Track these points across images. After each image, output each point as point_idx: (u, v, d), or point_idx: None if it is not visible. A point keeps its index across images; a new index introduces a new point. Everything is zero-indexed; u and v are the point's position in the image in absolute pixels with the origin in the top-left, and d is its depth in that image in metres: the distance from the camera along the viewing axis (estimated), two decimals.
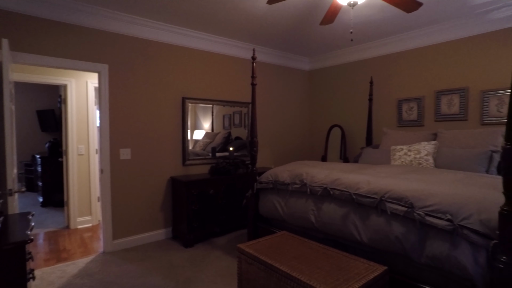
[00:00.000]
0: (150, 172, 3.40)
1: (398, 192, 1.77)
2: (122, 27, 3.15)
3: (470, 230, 1.45)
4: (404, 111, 3.86)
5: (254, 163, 2.77)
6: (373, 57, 4.20)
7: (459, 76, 3.39)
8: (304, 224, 2.28)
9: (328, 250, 1.87)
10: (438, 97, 3.54)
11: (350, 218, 1.97)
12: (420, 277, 1.66)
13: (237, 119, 4.23)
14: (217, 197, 3.46)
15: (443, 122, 3.51)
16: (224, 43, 3.94)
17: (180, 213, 3.36)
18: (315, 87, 5.10)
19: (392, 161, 3.00)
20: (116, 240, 3.16)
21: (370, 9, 3.01)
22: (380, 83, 4.12)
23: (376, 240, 1.80)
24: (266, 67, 4.55)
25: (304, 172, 2.43)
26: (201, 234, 3.34)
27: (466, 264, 1.44)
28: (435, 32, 3.51)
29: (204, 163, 3.85)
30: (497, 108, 3.08)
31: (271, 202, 2.62)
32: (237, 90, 4.19)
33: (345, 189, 2.03)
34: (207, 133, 3.93)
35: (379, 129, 4.05)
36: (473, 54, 3.28)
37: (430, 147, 2.82)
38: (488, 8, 2.99)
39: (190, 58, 3.71)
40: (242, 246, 1.95)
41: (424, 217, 1.60)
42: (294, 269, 1.59)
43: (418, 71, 3.74)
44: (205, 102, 3.85)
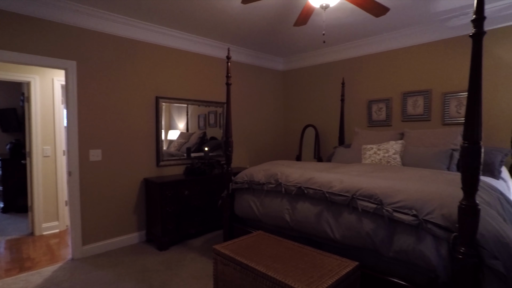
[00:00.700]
0: (123, 173, 3.29)
1: (368, 190, 1.84)
2: (92, 23, 3.02)
3: (433, 224, 1.54)
4: (374, 112, 4.02)
5: (229, 163, 2.77)
6: (345, 59, 4.33)
7: (423, 79, 3.59)
8: (279, 223, 2.32)
9: (302, 248, 1.91)
10: (404, 99, 3.73)
11: (323, 216, 2.02)
12: (389, 271, 1.75)
13: (212, 119, 4.20)
14: (192, 198, 3.42)
15: (409, 122, 3.70)
16: (199, 42, 3.90)
17: (154, 216, 3.28)
18: (289, 88, 5.17)
19: (363, 160, 3.11)
20: (86, 245, 3.03)
21: (342, 12, 3.10)
22: (351, 84, 4.27)
23: (348, 236, 1.87)
24: (241, 67, 4.55)
25: (279, 172, 2.46)
26: (176, 237, 3.28)
27: (429, 256, 1.53)
28: (401, 37, 3.69)
29: (179, 163, 3.79)
30: (456, 109, 3.31)
31: (246, 202, 2.63)
32: (212, 89, 4.16)
33: (318, 188, 2.08)
34: (182, 133, 3.87)
35: (351, 129, 4.19)
36: (435, 58, 3.48)
37: (397, 146, 2.97)
38: (448, 15, 3.20)
39: (164, 57, 3.63)
40: (218, 247, 1.94)
41: (392, 213, 1.68)
42: (270, 268, 1.61)
43: (386, 73, 3.91)
44: (179, 102, 3.79)
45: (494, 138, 3.08)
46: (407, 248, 1.61)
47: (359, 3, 2.40)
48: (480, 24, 1.35)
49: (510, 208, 1.85)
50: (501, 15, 2.98)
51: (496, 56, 3.07)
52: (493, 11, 2.97)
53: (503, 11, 2.96)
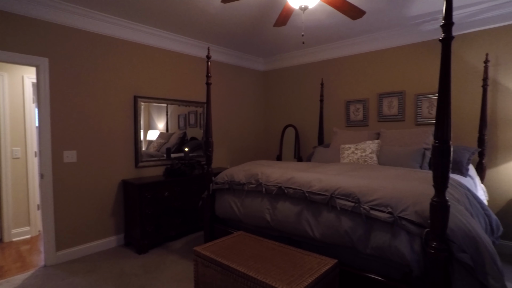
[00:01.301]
0: (99, 175, 3.18)
1: (346, 189, 1.89)
2: (66, 18, 2.90)
3: (407, 220, 1.60)
4: (352, 112, 4.13)
5: (210, 164, 2.75)
6: (324, 60, 4.41)
7: (397, 81, 3.72)
8: (260, 223, 2.33)
9: (283, 247, 1.94)
10: (380, 99, 3.85)
11: (303, 215, 2.05)
12: (366, 267, 1.80)
13: (192, 119, 4.16)
14: (173, 199, 3.37)
15: (385, 122, 3.83)
16: (179, 40, 3.85)
17: (132, 218, 3.20)
18: (269, 88, 5.20)
19: (341, 159, 3.19)
20: (60, 251, 2.91)
21: (320, 14, 3.16)
22: (330, 85, 4.35)
23: (327, 235, 1.91)
24: (222, 66, 4.53)
25: (259, 172, 2.47)
26: (156, 239, 3.22)
27: (404, 251, 1.59)
28: (377, 40, 3.81)
29: (159, 164, 3.72)
30: (428, 110, 3.46)
31: (227, 202, 2.62)
32: (193, 89, 4.12)
33: (298, 187, 2.11)
34: (161, 133, 3.80)
35: (330, 129, 4.28)
36: (408, 61, 3.62)
37: (374, 146, 3.06)
38: (420, 20, 3.33)
39: (143, 55, 3.55)
40: (198, 249, 1.93)
41: (369, 211, 1.73)
42: (251, 268, 1.62)
43: (363, 74, 4.03)
44: (159, 101, 3.72)
45: (462, 137, 3.25)
46: (383, 245, 1.66)
47: (337, 6, 2.45)
48: (449, 29, 1.42)
49: (476, 204, 1.96)
50: (468, 21, 3.15)
51: (463, 60, 3.24)
52: (460, 17, 3.13)
53: (469, 18, 3.12)
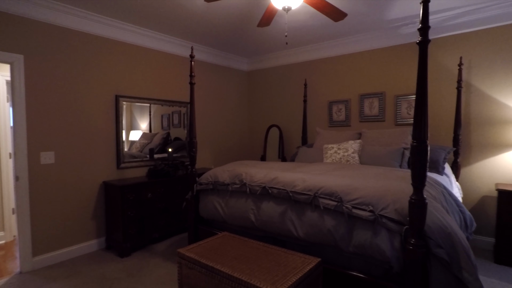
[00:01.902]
0: (79, 177, 3.09)
1: (329, 188, 1.92)
2: (44, 14, 2.79)
3: (388, 218, 1.65)
4: (334, 112, 4.20)
5: (194, 164, 2.73)
6: (307, 61, 4.47)
7: (378, 82, 3.82)
8: (245, 223, 2.33)
9: (267, 247, 1.95)
10: (361, 100, 3.94)
11: (287, 215, 2.07)
12: (349, 265, 1.84)
13: (176, 119, 4.11)
14: (156, 200, 3.32)
15: (366, 122, 3.92)
16: (162, 39, 3.79)
17: (114, 221, 3.13)
18: (253, 88, 5.21)
19: (324, 159, 3.24)
20: (37, 256, 2.80)
21: (303, 15, 3.20)
22: (313, 85, 4.41)
23: (311, 234, 1.93)
24: (206, 66, 4.50)
25: (243, 172, 2.47)
26: (139, 242, 3.16)
27: (384, 249, 1.64)
28: (358, 41, 3.89)
29: (141, 165, 3.65)
30: (407, 111, 3.57)
31: (211, 203, 2.61)
32: (176, 89, 4.07)
33: (282, 187, 2.13)
34: (144, 133, 3.73)
35: (313, 129, 4.34)
36: (388, 63, 3.73)
37: (356, 146, 3.13)
38: (399, 24, 3.44)
39: (125, 54, 3.48)
40: (183, 251, 1.91)
41: (351, 210, 1.77)
42: (235, 269, 1.62)
43: (345, 75, 4.11)
44: (141, 101, 3.64)
45: (438, 137, 3.38)
46: (365, 242, 1.70)
47: (319, 7, 2.49)
48: (425, 32, 1.47)
49: (452, 201, 2.05)
50: (443, 26, 3.28)
51: (439, 62, 3.37)
52: (436, 21, 3.25)
53: (444, 22, 3.25)
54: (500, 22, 3.01)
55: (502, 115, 3.06)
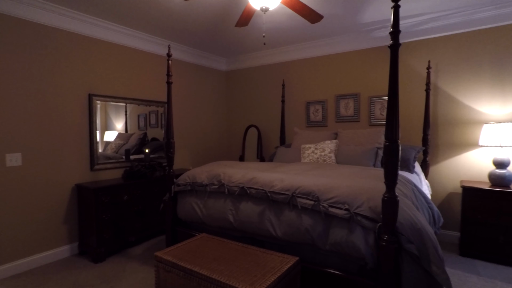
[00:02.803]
0: (49, 180, 2.94)
1: (306, 188, 1.95)
2: (9, 6, 2.62)
3: (362, 216, 1.70)
4: (312, 113, 4.28)
5: (171, 165, 2.69)
6: (285, 61, 4.52)
7: (353, 83, 3.94)
8: (223, 224, 2.33)
9: (246, 248, 1.95)
10: (338, 101, 4.04)
11: (266, 215, 2.09)
12: (325, 263, 1.88)
13: (153, 119, 4.01)
14: (132, 203, 3.23)
15: (342, 123, 4.03)
16: (139, 37, 3.69)
17: (88, 225, 3.01)
18: (232, 88, 5.20)
19: (302, 159, 3.29)
20: (2, 266, 2.64)
21: (281, 16, 3.23)
22: (291, 86, 4.47)
23: (289, 233, 1.96)
24: (183, 65, 4.44)
25: (221, 173, 2.47)
26: (114, 246, 3.06)
27: (359, 246, 1.69)
28: (334, 43, 3.99)
29: (117, 167, 3.53)
30: (380, 112, 3.71)
31: (189, 204, 2.58)
32: (153, 88, 3.98)
33: (260, 187, 2.14)
34: (120, 134, 3.61)
35: (291, 129, 4.39)
36: (362, 65, 3.85)
37: (332, 145, 3.21)
38: (372, 27, 3.56)
39: (99, 51, 3.35)
40: (160, 254, 1.88)
41: (328, 209, 1.81)
42: (214, 271, 1.62)
43: (322, 76, 4.19)
44: (117, 100, 3.53)
45: (409, 137, 3.54)
46: (341, 240, 1.75)
47: (296, 9, 2.53)
48: (396, 36, 1.54)
49: (421, 198, 2.15)
50: (413, 30, 3.43)
51: (409, 66, 3.52)
52: (407, 26, 3.40)
53: (414, 27, 3.40)
54: (464, 28, 3.20)
55: (466, 116, 3.25)
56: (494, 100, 3.11)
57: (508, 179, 2.81)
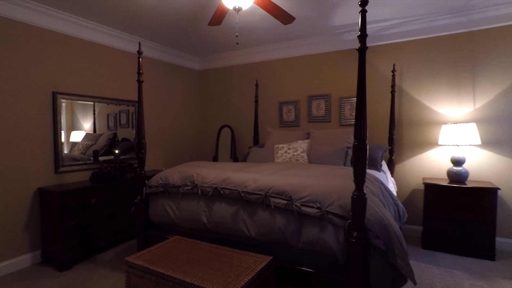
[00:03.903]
0: (7, 184, 2.74)
1: (279, 187, 1.98)
2: None
3: (333, 214, 1.76)
4: (284, 113, 4.35)
5: (143, 166, 2.61)
6: (258, 62, 4.55)
7: (324, 84, 4.05)
8: (197, 226, 2.30)
9: (220, 249, 1.95)
10: (309, 101, 4.14)
11: (239, 215, 2.09)
12: (298, 261, 1.92)
13: (123, 119, 3.87)
14: (101, 206, 3.10)
15: (314, 123, 4.13)
16: (109, 33, 3.55)
17: (52, 231, 2.85)
18: (205, 87, 5.15)
19: (275, 159, 3.34)
20: None
21: (253, 16, 3.25)
22: (264, 86, 4.51)
23: (262, 233, 1.98)
24: (155, 63, 4.32)
25: (195, 173, 2.44)
26: (82, 252, 2.92)
27: (331, 243, 1.75)
28: (306, 45, 4.08)
29: (84, 169, 3.37)
30: (350, 112, 3.85)
31: (162, 206, 2.53)
32: (124, 86, 3.84)
33: (234, 187, 2.14)
34: (88, 134, 3.45)
35: (264, 129, 4.43)
36: (333, 66, 3.97)
37: (304, 145, 3.28)
38: (342, 30, 3.69)
39: (65, 47, 3.18)
40: (131, 259, 1.82)
41: (300, 208, 1.85)
42: (187, 274, 1.60)
43: (294, 77, 4.27)
44: (84, 99, 3.37)
45: (376, 137, 3.70)
46: (313, 238, 1.80)
47: (269, 10, 2.56)
48: (364, 40, 1.60)
49: (388, 195, 2.26)
50: (379, 35, 3.60)
51: (376, 68, 3.69)
52: (374, 30, 3.56)
53: (380, 32, 3.57)
54: (425, 35, 3.40)
55: (427, 117, 3.46)
56: (451, 103, 3.34)
57: (464, 175, 3.04)
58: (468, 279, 2.51)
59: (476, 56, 3.20)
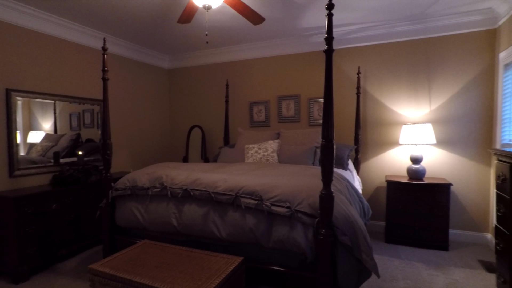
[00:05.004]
0: None
1: (250, 187, 2.00)
2: None
3: (302, 213, 1.80)
4: (255, 113, 4.38)
5: (109, 168, 2.50)
6: (229, 61, 4.53)
7: (294, 85, 4.13)
8: (166, 228, 2.25)
9: (190, 252, 1.93)
10: (279, 102, 4.20)
11: (210, 216, 2.08)
12: (269, 260, 1.95)
13: (88, 119, 3.68)
14: (63, 212, 2.92)
15: (284, 123, 4.21)
16: (70, 27, 3.35)
17: (6, 240, 2.64)
18: (175, 87, 5.04)
19: (246, 159, 3.35)
20: None
21: (224, 15, 3.23)
22: (235, 86, 4.51)
23: (233, 234, 1.98)
24: (122, 61, 4.16)
25: (164, 175, 2.39)
26: (41, 262, 2.73)
27: (300, 241, 1.79)
28: (276, 46, 4.14)
29: (44, 172, 3.16)
30: (318, 113, 3.97)
31: (129, 210, 2.44)
32: (88, 84, 3.65)
33: (204, 188, 2.12)
34: (48, 135, 3.24)
35: (235, 129, 4.43)
36: (302, 67, 4.07)
37: (274, 145, 3.33)
38: (310, 32, 3.79)
39: (21, 41, 2.95)
40: (95, 266, 1.74)
41: (271, 207, 1.88)
42: (156, 279, 1.56)
43: (264, 77, 4.31)
44: (43, 97, 3.15)
45: (343, 136, 3.85)
46: (283, 237, 1.83)
47: (239, 9, 2.56)
48: (330, 42, 1.67)
49: (353, 193, 2.36)
50: (345, 38, 3.74)
51: (343, 70, 3.84)
52: (340, 34, 3.69)
53: (346, 36, 3.72)
54: (387, 39, 3.60)
55: (389, 118, 3.66)
56: (410, 104, 3.56)
57: (422, 173, 3.26)
58: (425, 269, 2.70)
59: (432, 61, 3.44)
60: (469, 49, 3.29)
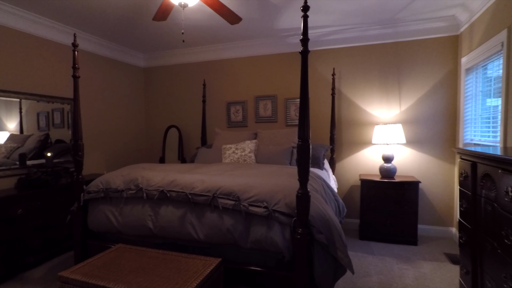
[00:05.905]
0: None
1: (227, 188, 1.99)
2: None
3: (279, 212, 1.82)
4: (232, 113, 4.37)
5: (80, 170, 2.40)
6: (206, 61, 4.50)
7: (271, 85, 4.17)
8: (142, 232, 2.20)
9: (167, 254, 1.90)
10: (257, 102, 4.22)
11: (187, 218, 2.05)
12: (248, 261, 1.96)
13: (57, 118, 3.51)
14: (29, 217, 2.77)
15: (261, 123, 4.24)
16: (39, 22, 3.19)
17: None
18: (151, 86, 4.92)
19: (223, 159, 3.34)
20: None
21: (201, 14, 3.20)
22: (212, 86, 4.47)
23: (211, 235, 1.97)
24: (95, 58, 4.00)
25: (139, 176, 2.33)
26: (5, 272, 2.57)
27: (277, 241, 1.81)
28: (254, 46, 4.15)
29: (8, 175, 2.98)
30: (295, 113, 4.03)
31: (102, 213, 2.36)
32: (57, 82, 3.48)
33: (181, 190, 2.09)
34: (12, 135, 3.06)
35: (212, 130, 4.40)
36: (279, 68, 4.12)
37: (252, 145, 3.34)
38: (287, 33, 3.84)
39: None
40: (65, 273, 1.67)
41: (248, 208, 1.89)
42: (132, 284, 1.52)
43: (242, 77, 4.32)
44: (7, 95, 2.98)
45: (319, 136, 3.94)
46: (261, 237, 1.85)
47: (216, 8, 2.55)
48: (306, 43, 1.70)
49: (329, 192, 2.43)
50: (321, 40, 3.83)
51: (318, 71, 3.93)
52: (316, 36, 3.77)
53: (321, 37, 3.80)
54: (359, 42, 3.73)
55: (362, 118, 3.79)
56: (382, 105, 3.70)
57: (393, 171, 3.40)
58: (396, 263, 2.82)
59: (401, 65, 3.61)
60: (435, 53, 3.48)
